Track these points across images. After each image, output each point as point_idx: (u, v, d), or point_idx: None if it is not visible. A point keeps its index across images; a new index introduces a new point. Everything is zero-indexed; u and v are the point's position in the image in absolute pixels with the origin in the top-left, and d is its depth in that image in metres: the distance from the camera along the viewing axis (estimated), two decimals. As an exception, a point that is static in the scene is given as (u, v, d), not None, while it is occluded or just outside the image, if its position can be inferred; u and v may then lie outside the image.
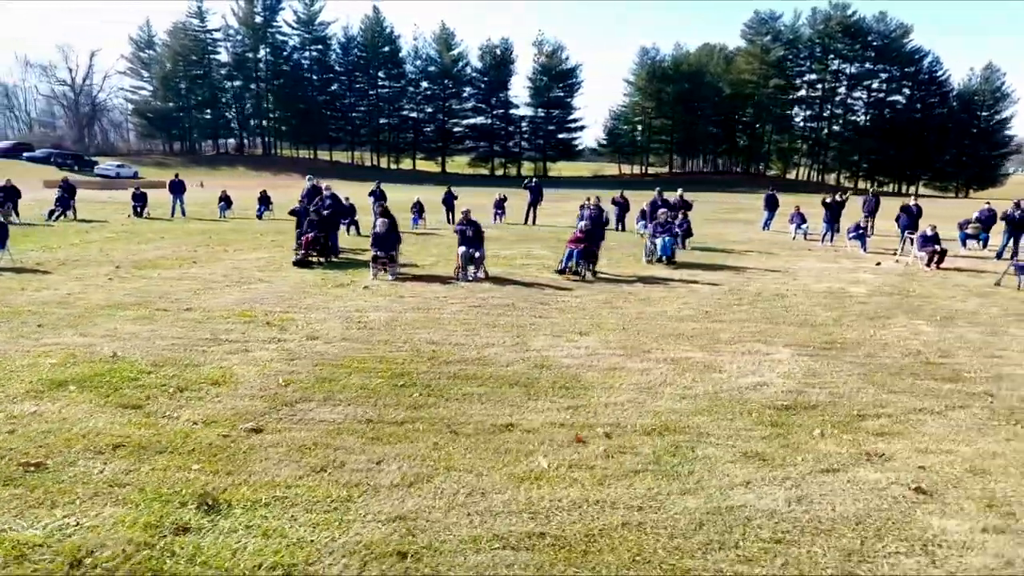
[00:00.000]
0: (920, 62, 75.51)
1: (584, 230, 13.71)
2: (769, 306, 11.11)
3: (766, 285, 13.21)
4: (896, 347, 8.64)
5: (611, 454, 5.13)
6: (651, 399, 6.41)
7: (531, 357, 7.65)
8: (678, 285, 12.96)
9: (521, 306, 10.52)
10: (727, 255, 18.03)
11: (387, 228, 13.05)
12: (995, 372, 7.62)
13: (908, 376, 7.36)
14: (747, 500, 4.43)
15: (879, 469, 4.98)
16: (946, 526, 4.18)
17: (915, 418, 6.09)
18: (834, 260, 17.49)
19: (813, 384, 6.99)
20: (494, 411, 6.00)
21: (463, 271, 12.81)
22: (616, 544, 3.89)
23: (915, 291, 12.94)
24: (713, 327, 9.47)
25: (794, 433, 5.64)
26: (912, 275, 15.20)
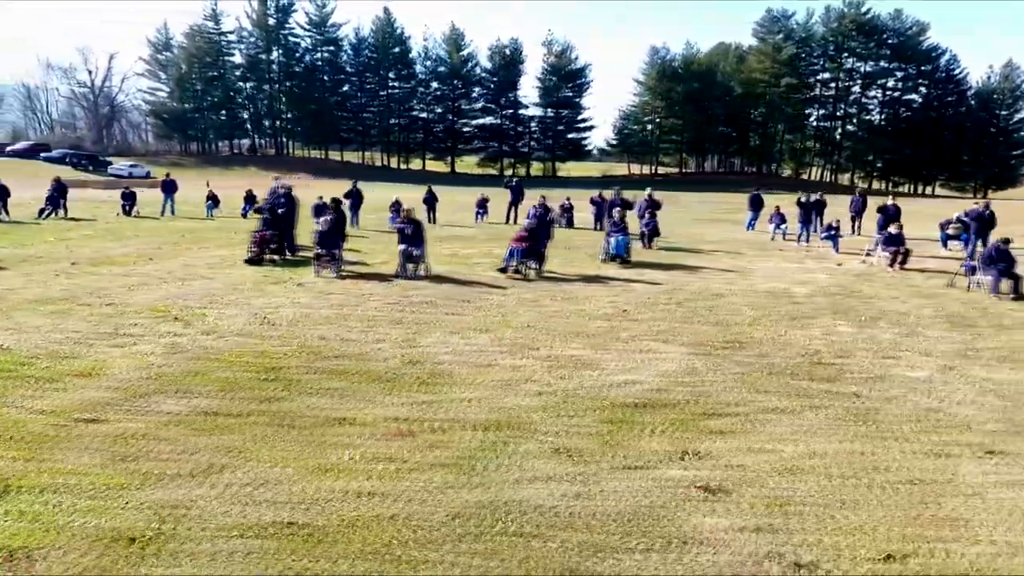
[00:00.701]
0: (937, 60, 74.07)
1: (528, 229, 13.73)
2: (696, 306, 11.04)
3: (709, 285, 13.12)
4: (796, 347, 8.55)
5: (427, 448, 5.17)
6: (505, 395, 6.44)
7: (412, 354, 7.71)
8: (618, 284, 12.93)
9: (441, 304, 10.57)
10: (691, 255, 17.92)
11: (330, 226, 13.18)
12: (880, 373, 7.51)
13: (787, 376, 7.29)
14: (528, 495, 4.45)
15: (686, 467, 4.96)
16: (713, 524, 4.16)
17: (764, 418, 6.04)
18: (799, 260, 17.30)
19: (683, 383, 6.96)
20: (341, 405, 6.07)
21: (403, 269, 12.90)
22: (368, 535, 3.94)
23: (860, 292, 12.77)
24: (622, 325, 9.45)
25: (625, 431, 5.63)
26: (870, 276, 14.98)
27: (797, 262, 16.99)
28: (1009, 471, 5.00)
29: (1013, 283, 12.46)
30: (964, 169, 75.01)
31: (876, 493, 4.59)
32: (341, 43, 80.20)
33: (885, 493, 4.59)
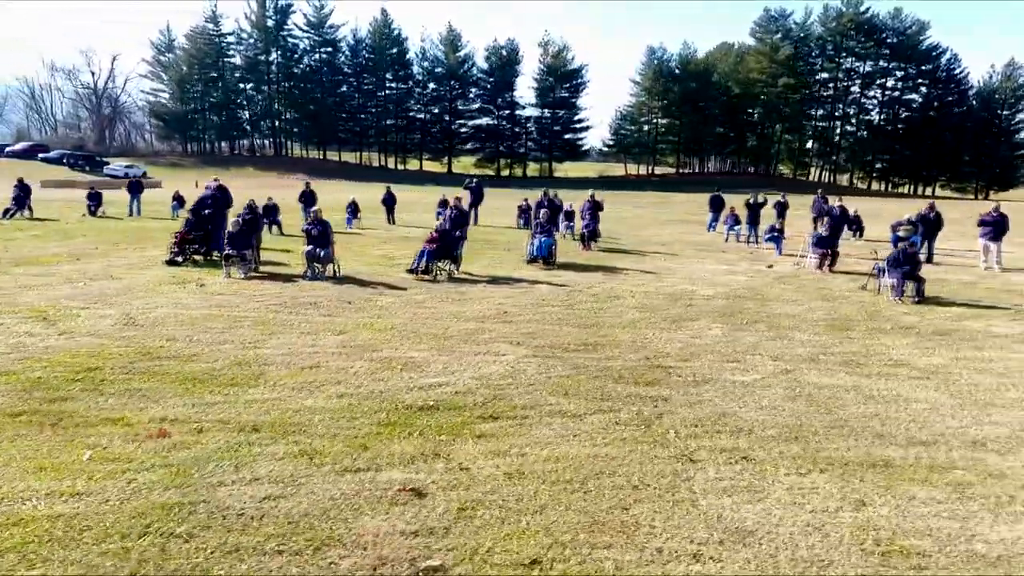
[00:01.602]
0: (937, 60, 73.27)
1: (439, 230, 13.76)
2: (585, 308, 11.02)
3: (617, 286, 13.09)
4: (648, 350, 8.51)
5: (170, 449, 5.21)
6: (302, 397, 6.47)
7: (247, 355, 7.76)
8: (523, 286, 12.92)
9: (323, 305, 10.63)
10: (628, 256, 17.87)
11: (239, 228, 13.28)
12: (710, 377, 7.47)
13: (611, 379, 7.26)
14: (222, 496, 4.46)
15: (416, 471, 4.95)
16: (376, 526, 4.14)
17: (542, 421, 6.02)
18: (733, 262, 17.20)
19: (494, 385, 6.95)
20: (127, 405, 6.13)
21: (309, 270, 12.97)
22: (20, 532, 3.97)
23: (765, 294, 12.68)
24: (488, 327, 9.45)
25: (388, 433, 5.63)
26: (792, 278, 14.88)
27: (729, 264, 16.90)
28: (740, 478, 4.96)
29: (916, 286, 12.31)
30: (965, 170, 74.09)
31: (577, 497, 4.57)
32: (339, 44, 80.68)
33: (588, 498, 4.57)
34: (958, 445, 5.70)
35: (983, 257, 16.97)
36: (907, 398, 6.88)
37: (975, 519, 4.43)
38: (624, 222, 28.96)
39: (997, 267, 16.54)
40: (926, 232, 17.81)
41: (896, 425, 6.12)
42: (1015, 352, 8.82)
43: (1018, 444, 5.74)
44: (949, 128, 72.40)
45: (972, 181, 73.93)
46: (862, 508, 4.53)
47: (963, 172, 74.27)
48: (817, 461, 5.29)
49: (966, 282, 14.82)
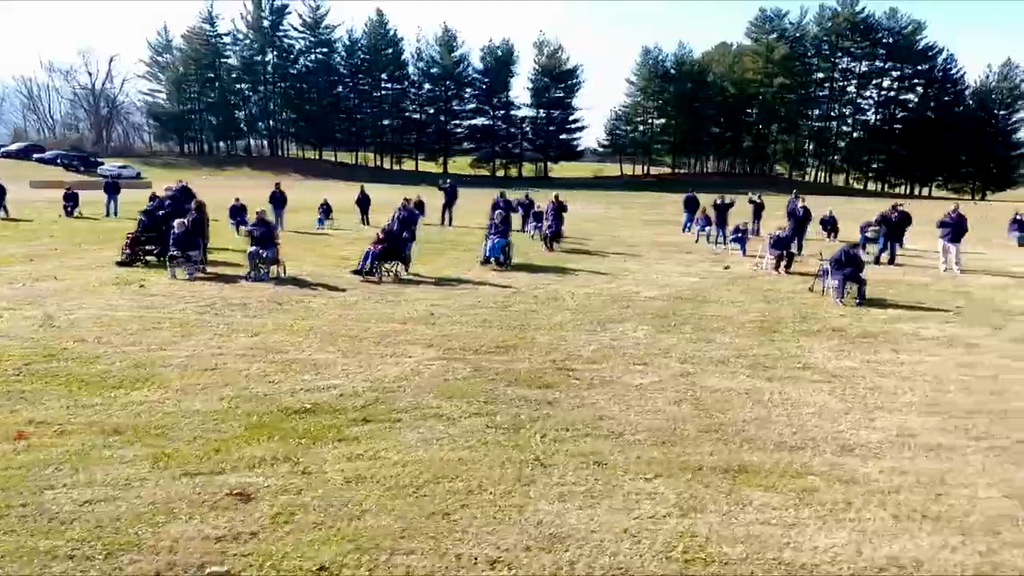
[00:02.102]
0: (934, 59, 72.90)
1: (385, 231, 13.75)
2: (519, 309, 10.98)
3: (562, 288, 13.03)
4: (561, 352, 8.47)
5: (24, 451, 5.20)
6: (188, 399, 6.44)
7: (150, 357, 7.74)
8: (467, 287, 12.89)
9: (253, 307, 10.62)
10: (589, 257, 17.80)
11: (184, 228, 13.29)
12: (609, 379, 7.43)
13: (504, 381, 7.22)
14: (44, 499, 4.46)
15: (259, 474, 4.93)
16: (179, 531, 4.14)
17: (413, 424, 5.99)
18: (691, 263, 17.13)
19: (383, 388, 6.92)
20: (6, 406, 6.12)
21: (253, 270, 12.98)
22: None
23: (708, 296, 12.62)
24: (408, 329, 9.43)
25: (248, 437, 5.60)
26: (744, 279, 14.83)
27: (687, 265, 16.83)
28: (583, 484, 4.92)
29: (858, 288, 12.23)
30: (962, 170, 73.69)
31: (405, 502, 4.54)
32: (335, 45, 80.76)
33: (416, 503, 4.54)
34: (825, 450, 5.65)
35: (943, 258, 16.86)
36: (798, 401, 6.83)
37: (800, 527, 4.38)
38: (603, 223, 28.92)
39: (956, 268, 16.43)
40: (889, 232, 17.72)
41: (772, 429, 6.07)
42: (932, 355, 8.75)
43: (886, 449, 5.68)
44: (946, 128, 71.93)
45: (969, 181, 73.49)
46: (689, 515, 4.49)
47: (960, 172, 73.82)
48: (672, 466, 5.25)
49: (919, 283, 14.73)
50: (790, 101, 74.61)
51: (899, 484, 5.01)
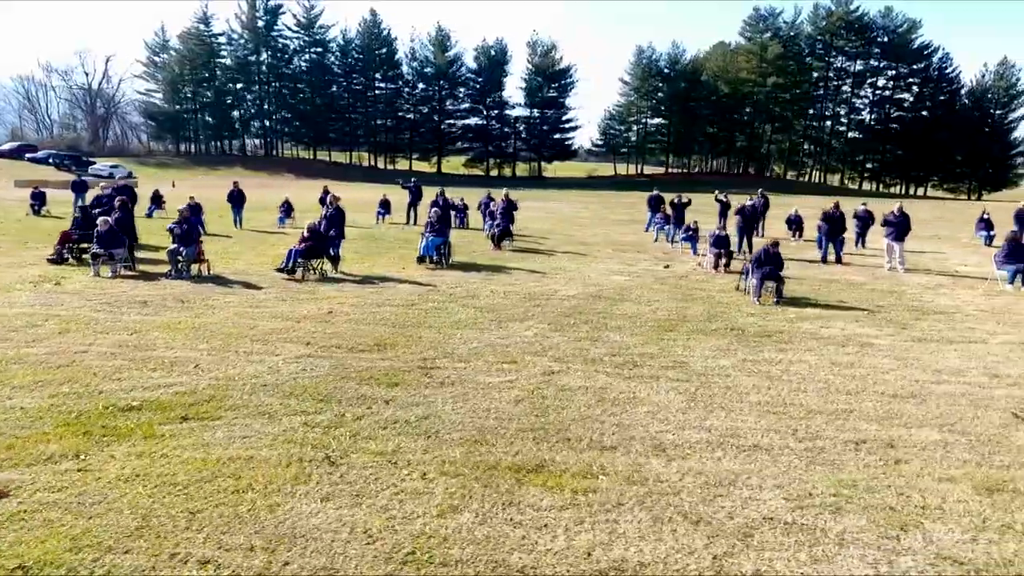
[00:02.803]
0: (929, 58, 72.38)
1: (311, 229, 13.70)
2: (419, 308, 10.90)
3: (483, 287, 12.95)
4: (436, 350, 8.39)
5: None
6: (14, 396, 6.40)
7: (5, 354, 7.71)
8: (387, 286, 12.84)
9: (153, 304, 10.60)
10: (534, 256, 17.71)
11: (108, 227, 13.28)
12: (465, 378, 7.34)
13: (358, 380, 7.15)
14: None
15: (23, 472, 4.87)
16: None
17: (234, 422, 5.93)
18: (634, 262, 17.03)
19: (231, 385, 6.85)
20: None
21: (172, 269, 12.96)
22: None
23: (629, 295, 12.50)
24: (297, 326, 9.37)
25: (47, 434, 5.56)
26: (679, 277, 14.72)
27: (629, 264, 16.72)
28: (357, 484, 4.83)
29: (776, 286, 12.10)
30: (957, 170, 73.15)
31: (163, 501, 4.48)
32: (329, 45, 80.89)
33: (173, 502, 4.47)
34: (637, 450, 5.55)
35: (887, 257, 16.68)
36: (642, 400, 6.73)
37: (551, 528, 4.28)
38: (571, 222, 28.87)
39: (900, 267, 16.25)
40: (830, 231, 17.54)
41: (595, 428, 5.97)
42: (815, 354, 8.62)
43: (700, 450, 5.57)
44: (941, 128, 71.45)
45: (965, 181, 72.92)
46: (446, 515, 4.40)
47: (956, 172, 73.26)
48: (464, 466, 5.16)
49: (856, 283, 14.56)
50: (784, 101, 74.23)
51: (684, 486, 4.90)
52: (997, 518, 4.49)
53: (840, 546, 4.10)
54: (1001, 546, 4.12)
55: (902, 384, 7.39)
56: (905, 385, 7.35)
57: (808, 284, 14.26)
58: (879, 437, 5.88)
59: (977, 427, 6.14)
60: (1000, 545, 4.13)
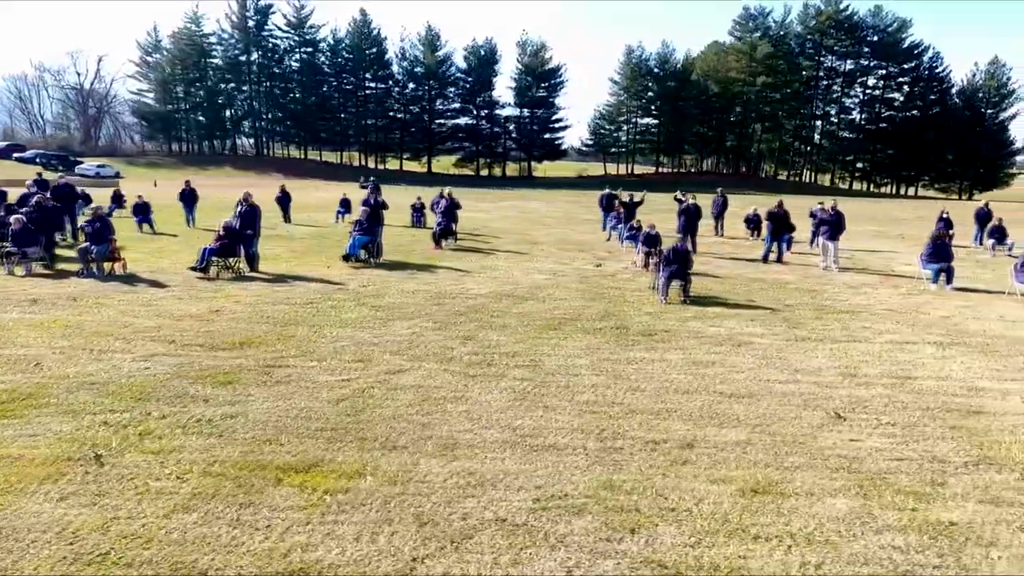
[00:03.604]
0: (919, 58, 71.97)
1: (226, 228, 13.64)
2: (313, 307, 10.83)
3: (396, 286, 12.87)
4: (297, 348, 8.31)
5: None
6: None
7: None
8: (297, 284, 12.77)
9: (45, 301, 10.56)
10: (472, 255, 17.60)
11: (22, 225, 13.24)
12: (304, 376, 7.26)
13: (194, 379, 7.07)
14: None
15: None
16: None
17: (30, 422, 5.86)
18: (568, 261, 16.92)
19: (60, 384, 6.79)
20: None
21: (84, 267, 12.92)
22: None
23: (538, 294, 12.40)
24: (175, 325, 9.30)
25: None
26: (602, 276, 14.62)
27: (564, 263, 16.60)
28: (119, 484, 4.76)
29: (683, 285, 11.99)
30: (948, 170, 72.74)
31: None
32: (319, 44, 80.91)
33: None
34: (423, 450, 5.46)
35: (822, 256, 16.54)
36: (466, 399, 6.64)
37: (268, 530, 4.20)
38: (529, 221, 28.79)
39: (835, 267, 16.11)
40: (775, 230, 17.40)
41: (398, 428, 5.88)
42: (683, 354, 8.50)
43: (486, 451, 5.48)
44: (932, 127, 71.08)
45: (956, 181, 72.51)
46: (173, 515, 4.32)
47: (947, 172, 72.86)
48: (231, 466, 5.08)
49: (781, 282, 14.42)
50: (774, 100, 73.94)
51: (443, 487, 4.81)
52: (740, 521, 4.38)
53: (552, 548, 4.00)
54: (717, 550, 4.01)
55: (747, 384, 7.27)
56: (749, 385, 7.24)
57: (731, 283, 14.15)
58: (683, 437, 5.77)
59: (791, 428, 6.03)
60: (717, 549, 4.03)
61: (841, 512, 4.48)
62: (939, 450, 5.54)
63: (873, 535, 4.19)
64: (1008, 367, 8.08)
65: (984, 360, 8.38)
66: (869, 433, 5.89)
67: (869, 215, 37.99)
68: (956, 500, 4.68)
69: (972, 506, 4.60)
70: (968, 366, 8.08)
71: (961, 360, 8.35)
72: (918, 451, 5.51)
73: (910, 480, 4.99)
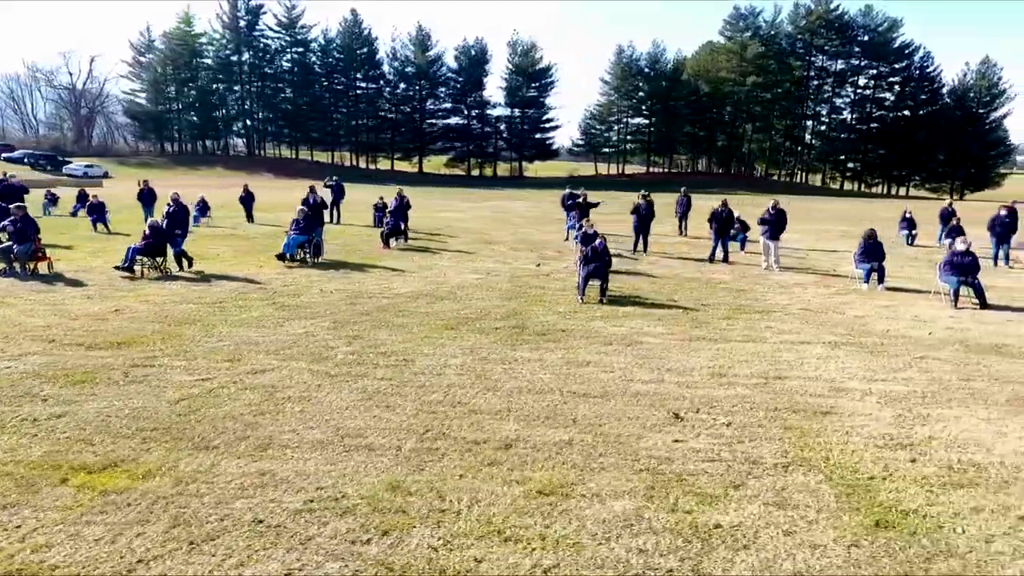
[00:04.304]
0: (910, 57, 71.67)
1: (152, 227, 13.60)
2: (226, 306, 10.78)
3: (321, 285, 12.81)
4: (173, 347, 8.26)
5: None
6: None
7: None
8: (220, 283, 12.73)
9: (-53, 301, 10.53)
10: (419, 255, 17.50)
11: (-55, 224, 13.23)
12: (160, 375, 7.20)
13: (48, 379, 7.02)
14: None
15: None
16: None
17: None
18: (510, 261, 16.81)
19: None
20: None
21: (8, 266, 12.89)
22: None
23: (459, 293, 12.32)
24: (66, 323, 9.27)
25: None
26: (538, 276, 14.53)
27: (504, 262, 16.54)
28: None
29: (600, 285, 11.90)
30: (939, 169, 72.43)
31: None
32: (310, 44, 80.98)
33: None
34: (233, 451, 5.39)
35: (763, 256, 16.43)
36: (313, 399, 6.57)
37: (15, 531, 4.13)
38: (504, 221, 28.70)
39: (776, 267, 16.00)
40: (719, 230, 17.30)
41: (223, 428, 5.81)
42: (563, 353, 8.41)
43: (298, 451, 5.40)
44: (922, 127, 70.80)
45: (947, 181, 72.18)
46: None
47: (938, 172, 72.54)
48: (26, 466, 5.02)
49: (714, 281, 14.31)
50: (764, 100, 73.72)
51: (224, 487, 4.74)
52: (503, 523, 4.30)
53: (288, 551, 3.93)
54: (457, 553, 3.93)
55: (609, 384, 7.18)
56: (610, 385, 7.15)
57: (664, 283, 14.05)
58: (506, 438, 5.70)
59: (622, 428, 5.94)
60: (458, 552, 3.95)
61: (613, 514, 4.40)
62: (759, 452, 5.45)
63: (629, 538, 4.11)
64: (886, 367, 7.97)
65: (867, 360, 8.28)
66: (698, 434, 5.80)
67: (845, 215, 37.78)
68: (741, 503, 4.59)
69: (754, 508, 4.51)
70: (846, 366, 7.98)
71: (843, 360, 8.25)
72: (737, 453, 5.42)
73: (709, 482, 4.90)
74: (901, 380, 7.48)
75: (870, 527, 4.25)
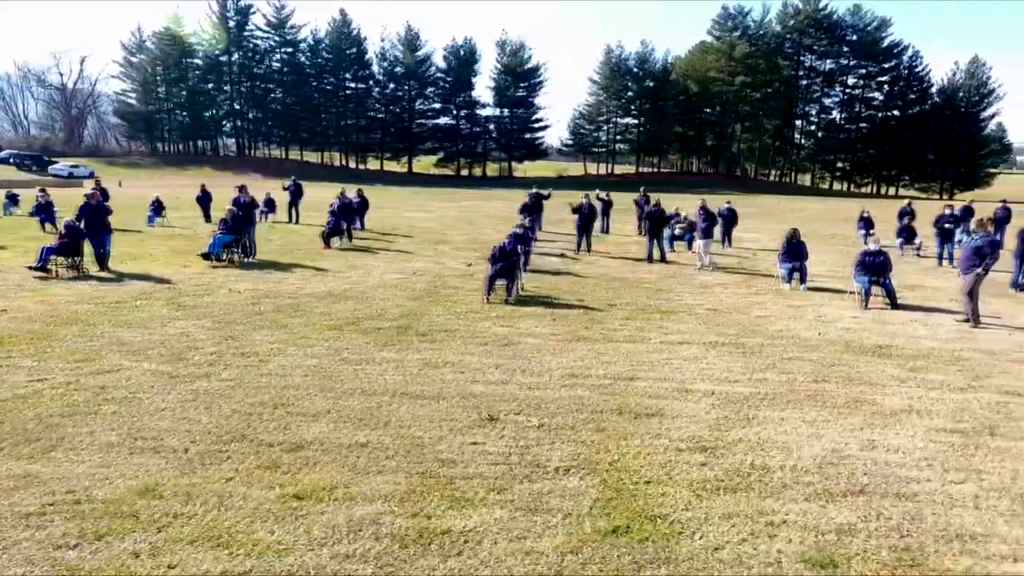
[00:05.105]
0: (899, 57, 71.37)
1: (67, 226, 13.55)
2: (132, 303, 10.71)
3: (232, 284, 12.75)
4: (60, 348, 8.18)
5: None
6: None
7: None
8: (133, 283, 12.68)
9: None
10: (358, 254, 17.43)
11: None
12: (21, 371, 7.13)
13: None
14: None
15: None
16: None
17: None
18: (444, 262, 16.70)
19: None
20: None
21: (-80, 266, 12.85)
22: None
23: (378, 294, 12.24)
24: (-65, 324, 9.21)
25: None
26: (465, 275, 14.47)
27: (436, 262, 16.46)
28: None
29: (507, 284, 11.80)
30: (929, 169, 72.12)
31: None
32: (300, 45, 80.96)
33: None
34: (16, 453, 5.30)
35: (699, 256, 16.31)
36: (135, 400, 6.48)
37: None
38: (466, 220, 28.61)
39: (709, 267, 15.88)
40: (651, 228, 17.17)
41: (20, 429, 5.73)
42: (430, 353, 8.31)
43: (86, 452, 5.32)
44: (912, 127, 70.51)
45: (937, 181, 71.87)
46: None
47: (927, 172, 72.22)
48: None
49: (638, 280, 14.23)
50: (753, 100, 73.47)
51: None
52: (230, 527, 4.21)
53: None
54: (162, 558, 3.84)
55: (449, 385, 7.09)
56: (452, 386, 7.05)
57: (584, 283, 13.95)
58: (302, 440, 5.61)
59: (428, 431, 5.84)
60: (162, 557, 3.85)
61: (350, 520, 4.30)
62: (550, 455, 5.35)
63: (346, 544, 4.02)
64: (749, 368, 7.86)
65: (735, 361, 8.16)
66: (500, 436, 5.70)
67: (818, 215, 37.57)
68: (493, 508, 4.49)
69: (501, 514, 4.41)
70: (707, 367, 7.86)
71: (710, 361, 8.14)
72: (526, 456, 5.32)
73: (475, 486, 4.80)
74: (754, 381, 7.36)
75: (606, 533, 4.15)
